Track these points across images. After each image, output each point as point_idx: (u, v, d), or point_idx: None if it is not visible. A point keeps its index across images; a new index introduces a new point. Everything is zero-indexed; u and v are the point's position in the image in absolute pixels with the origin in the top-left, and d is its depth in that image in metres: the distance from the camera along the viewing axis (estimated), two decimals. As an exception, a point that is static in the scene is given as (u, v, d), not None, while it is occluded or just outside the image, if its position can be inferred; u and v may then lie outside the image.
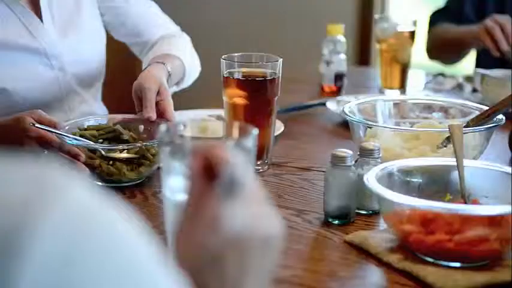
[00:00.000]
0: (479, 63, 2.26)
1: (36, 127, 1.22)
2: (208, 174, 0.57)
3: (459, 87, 2.07)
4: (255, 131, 0.83)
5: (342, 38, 2.00)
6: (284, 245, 0.55)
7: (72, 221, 0.40)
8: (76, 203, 0.40)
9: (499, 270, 0.93)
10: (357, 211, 1.13)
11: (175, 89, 1.60)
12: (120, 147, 1.26)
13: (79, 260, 0.39)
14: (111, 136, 1.32)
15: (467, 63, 2.51)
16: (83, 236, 0.40)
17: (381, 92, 1.98)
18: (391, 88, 1.97)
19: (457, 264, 0.94)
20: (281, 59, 1.33)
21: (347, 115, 1.31)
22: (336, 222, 1.10)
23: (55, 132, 1.23)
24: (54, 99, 1.51)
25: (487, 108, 1.32)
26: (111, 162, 1.24)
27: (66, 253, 0.39)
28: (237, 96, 1.31)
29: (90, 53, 1.58)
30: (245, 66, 1.34)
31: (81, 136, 1.29)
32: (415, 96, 1.71)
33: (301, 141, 1.55)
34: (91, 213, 0.41)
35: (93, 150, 1.25)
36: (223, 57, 1.33)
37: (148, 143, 1.26)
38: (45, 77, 1.48)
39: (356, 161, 1.14)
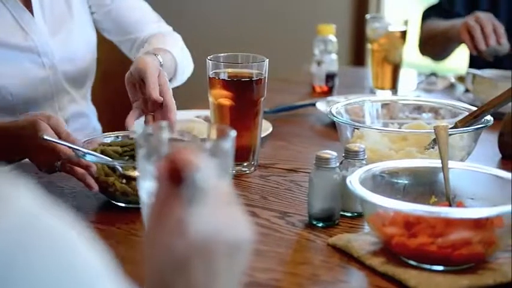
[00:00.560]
0: (472, 63, 2.25)
1: (49, 140, 1.13)
2: (174, 177, 0.56)
3: (451, 87, 2.06)
4: (233, 133, 0.82)
5: (333, 38, 1.99)
6: (266, 248, 0.54)
7: (16, 230, 0.38)
8: (20, 212, 0.39)
9: (482, 273, 0.92)
10: (341, 213, 1.11)
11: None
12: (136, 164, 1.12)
13: (22, 267, 0.38)
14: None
15: (461, 63, 2.50)
16: (25, 245, 0.39)
17: (372, 92, 1.96)
18: (382, 88, 1.96)
19: (440, 268, 0.93)
20: (267, 60, 1.32)
21: (334, 116, 1.30)
22: (320, 224, 1.09)
23: (69, 146, 1.14)
24: (45, 98, 1.49)
25: (476, 108, 1.31)
26: (124, 181, 1.13)
27: (8, 262, 0.38)
28: (222, 97, 1.30)
29: (80, 51, 1.56)
30: (231, 67, 1.33)
31: (102, 152, 1.19)
32: (403, 97, 1.69)
33: (289, 142, 1.54)
34: (35, 222, 0.40)
35: (113, 168, 1.14)
36: (209, 57, 1.32)
37: None
38: (36, 75, 1.46)
39: (341, 163, 1.13)
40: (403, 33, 1.93)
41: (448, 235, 0.91)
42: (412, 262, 0.94)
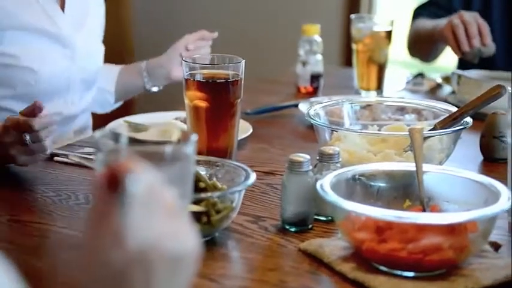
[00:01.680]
0: (462, 63, 2.22)
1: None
2: (111, 185, 0.54)
3: (438, 88, 2.04)
4: (194, 137, 0.80)
5: (318, 38, 1.97)
6: (236, 254, 0.52)
7: None
8: None
9: (454, 280, 0.89)
10: (316, 217, 1.09)
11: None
12: None
13: None
14: None
15: (451, 63, 2.48)
16: None
17: (357, 93, 1.94)
18: (367, 89, 1.94)
19: (411, 274, 0.90)
20: (244, 60, 1.30)
21: (311, 118, 1.28)
22: (293, 229, 1.07)
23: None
24: (62, 89, 1.58)
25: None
26: None
27: None
28: (197, 99, 1.28)
29: (96, 54, 1.67)
30: (207, 68, 1.30)
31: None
32: (384, 98, 1.67)
33: (269, 144, 1.51)
34: None
35: None
36: (184, 58, 1.30)
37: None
38: (59, 64, 1.55)
39: (315, 166, 1.11)
40: (388, 33, 1.91)
41: (419, 240, 0.89)
42: (383, 268, 0.92)
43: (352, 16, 1.97)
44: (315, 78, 1.97)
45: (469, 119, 1.25)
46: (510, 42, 2.08)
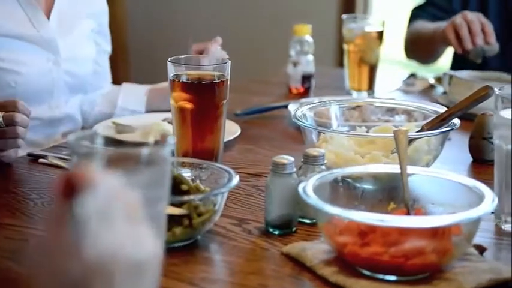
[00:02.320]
0: (456, 64, 2.20)
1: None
2: (67, 194, 0.53)
3: (430, 88, 2.02)
4: (172, 139, 0.79)
5: (309, 38, 1.95)
6: (217, 257, 0.50)
7: None
8: None
9: (437, 283, 0.88)
10: (300, 220, 1.08)
11: None
12: None
13: None
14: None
15: (444, 64, 2.46)
16: None
17: (349, 93, 1.93)
18: (359, 90, 1.93)
19: (393, 278, 0.89)
20: (229, 61, 1.28)
21: (297, 119, 1.27)
22: (277, 232, 1.05)
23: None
24: (45, 92, 1.59)
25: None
26: None
27: None
28: (183, 100, 1.27)
29: (84, 58, 1.68)
30: (193, 69, 1.29)
31: None
32: (373, 99, 1.66)
33: (257, 146, 1.50)
34: None
35: None
36: (169, 59, 1.28)
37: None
38: (40, 67, 1.56)
39: (300, 168, 1.09)
40: (380, 34, 1.90)
41: (401, 244, 0.88)
42: (366, 272, 0.91)
43: (344, 16, 1.95)
44: (306, 78, 1.95)
45: (456, 120, 1.24)
46: (505, 43, 2.07)
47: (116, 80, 1.91)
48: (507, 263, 0.98)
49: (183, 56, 1.29)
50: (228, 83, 1.29)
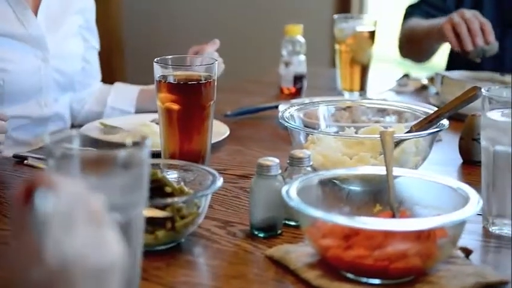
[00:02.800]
0: (452, 63, 2.19)
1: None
2: (27, 201, 0.51)
3: (423, 89, 2.01)
4: (148, 141, 0.78)
5: (301, 38, 1.94)
6: (200, 260, 0.49)
7: None
8: None
9: (420, 287, 0.87)
10: (286, 222, 1.07)
11: None
12: None
13: None
14: (154, 186, 1.01)
15: (439, 64, 2.45)
16: None
17: (340, 94, 1.92)
18: (351, 90, 1.91)
19: (377, 281, 0.88)
20: (216, 61, 1.27)
21: (285, 120, 1.25)
22: (262, 235, 1.04)
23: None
24: (33, 90, 1.57)
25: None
26: None
27: None
28: (169, 101, 1.25)
29: (72, 55, 1.66)
30: (180, 70, 1.28)
31: None
32: (363, 100, 1.65)
33: (246, 147, 1.49)
34: None
35: None
36: (155, 60, 1.27)
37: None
38: (28, 64, 1.55)
39: (286, 170, 1.08)
40: (372, 34, 1.89)
41: (385, 247, 0.87)
42: (350, 275, 0.90)
43: (335, 16, 1.94)
44: (298, 79, 1.94)
45: (445, 121, 1.23)
46: (500, 43, 2.05)
47: (112, 79, 1.90)
48: (494, 266, 0.97)
49: (170, 57, 1.28)
50: (215, 83, 1.28)
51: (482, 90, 1.06)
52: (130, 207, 0.76)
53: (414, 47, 2.18)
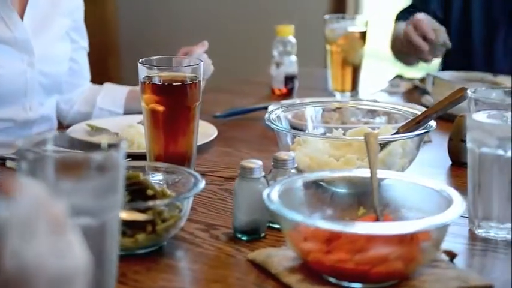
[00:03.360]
0: (444, 64, 2.18)
1: None
2: None
3: (415, 90, 2.00)
4: (123, 143, 0.76)
5: (292, 39, 1.93)
6: (181, 264, 0.48)
7: None
8: None
9: (402, 292, 0.86)
10: (270, 225, 1.05)
11: None
12: None
13: None
14: (136, 189, 1.02)
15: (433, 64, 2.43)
16: None
17: (331, 94, 1.90)
18: (342, 90, 1.90)
19: (359, 286, 0.87)
20: (202, 62, 1.26)
21: (270, 122, 1.24)
22: (245, 238, 1.03)
23: None
24: (18, 94, 1.56)
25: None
26: None
27: None
28: (154, 102, 1.24)
29: (58, 57, 1.64)
30: (165, 70, 1.27)
31: None
32: (350, 101, 1.63)
33: (234, 148, 1.48)
34: None
35: None
36: (140, 60, 1.26)
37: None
38: (13, 68, 1.53)
39: (270, 172, 1.07)
40: (363, 34, 1.87)
41: (367, 251, 0.85)
42: (331, 279, 0.88)
43: (326, 16, 1.93)
44: (289, 79, 1.93)
45: (432, 123, 1.21)
46: (489, 45, 2.04)
47: (108, 79, 1.88)
48: (480, 269, 0.96)
49: (155, 57, 1.27)
50: (201, 84, 1.26)
51: (468, 91, 1.05)
52: (104, 211, 0.75)
53: (398, 50, 2.16)
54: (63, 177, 0.73)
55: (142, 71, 1.25)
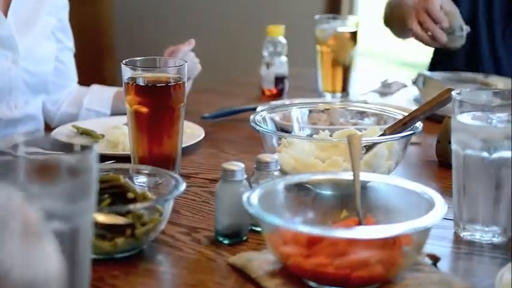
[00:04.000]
0: (435, 64, 2.14)
1: None
2: None
3: (406, 90, 1.98)
4: (95, 147, 0.75)
5: (282, 39, 1.92)
6: (160, 269, 0.46)
7: None
8: None
9: (384, 296, 0.84)
10: (253, 228, 1.04)
11: None
12: None
13: None
14: (116, 192, 1.01)
15: (424, 63, 2.41)
16: None
17: (321, 95, 1.89)
18: (333, 91, 1.89)
19: (339, 290, 0.85)
20: (186, 63, 1.24)
21: (255, 123, 1.22)
22: (226, 241, 1.01)
23: None
24: (3, 90, 1.54)
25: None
26: None
27: None
28: (137, 103, 1.23)
29: (43, 56, 1.62)
30: (149, 71, 1.25)
31: None
32: (338, 102, 1.62)
33: (221, 150, 1.46)
34: None
35: None
36: (124, 61, 1.24)
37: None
38: None
39: (253, 174, 1.06)
40: (353, 34, 1.86)
41: (347, 255, 0.84)
42: (312, 283, 0.87)
43: (316, 17, 1.91)
44: (279, 80, 1.92)
45: (419, 124, 1.20)
46: (493, 43, 2.00)
47: (101, 80, 1.87)
48: (464, 273, 0.95)
49: (138, 58, 1.26)
50: (185, 85, 1.25)
51: (453, 93, 1.03)
52: (76, 216, 0.73)
53: (394, 24, 2.08)
54: (34, 180, 0.71)
55: (126, 72, 1.24)
